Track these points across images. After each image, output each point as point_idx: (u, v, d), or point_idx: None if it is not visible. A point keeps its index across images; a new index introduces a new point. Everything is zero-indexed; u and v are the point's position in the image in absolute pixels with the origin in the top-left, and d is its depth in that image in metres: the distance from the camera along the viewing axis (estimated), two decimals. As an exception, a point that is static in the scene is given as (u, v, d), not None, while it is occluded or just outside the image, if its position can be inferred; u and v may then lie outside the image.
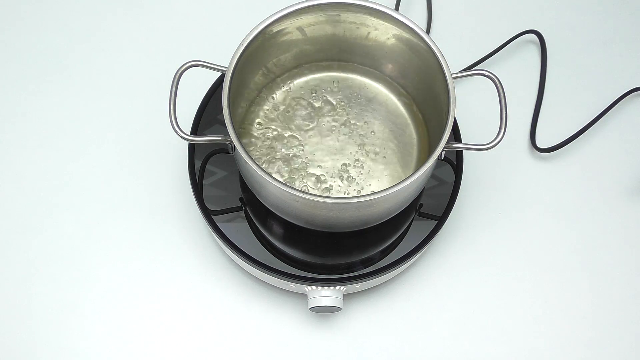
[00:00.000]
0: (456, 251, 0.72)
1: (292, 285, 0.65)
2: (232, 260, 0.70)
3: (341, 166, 0.66)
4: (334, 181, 0.66)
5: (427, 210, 0.67)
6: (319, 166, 0.66)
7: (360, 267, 0.64)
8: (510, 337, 0.69)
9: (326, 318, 0.69)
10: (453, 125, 0.64)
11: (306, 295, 0.65)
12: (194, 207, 0.71)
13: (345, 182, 0.66)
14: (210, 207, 0.66)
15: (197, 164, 0.67)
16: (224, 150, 0.66)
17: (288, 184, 0.64)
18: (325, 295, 0.63)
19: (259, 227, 0.66)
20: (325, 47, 0.69)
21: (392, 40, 0.66)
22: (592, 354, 0.68)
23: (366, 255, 0.65)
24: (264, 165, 0.66)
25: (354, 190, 0.65)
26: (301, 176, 0.66)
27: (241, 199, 0.67)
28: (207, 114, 0.69)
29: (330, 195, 0.64)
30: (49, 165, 0.74)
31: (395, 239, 0.66)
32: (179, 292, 0.69)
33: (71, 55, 0.80)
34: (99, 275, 0.70)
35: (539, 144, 0.76)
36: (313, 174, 0.66)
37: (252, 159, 0.57)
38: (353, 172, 0.66)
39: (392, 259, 0.65)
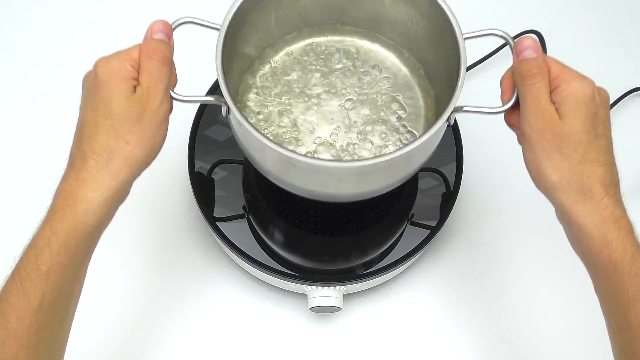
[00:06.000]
0: (456, 251, 0.72)
1: (292, 285, 0.65)
2: (232, 260, 0.70)
3: (343, 134, 0.62)
4: (335, 149, 0.61)
5: (427, 210, 0.67)
6: (319, 134, 0.62)
7: (361, 267, 0.64)
8: (510, 337, 0.69)
9: (326, 318, 0.69)
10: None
11: (306, 295, 0.65)
12: (194, 207, 0.71)
13: (346, 150, 0.61)
14: (212, 209, 0.66)
15: (198, 165, 0.67)
16: (228, 161, 0.66)
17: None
18: (325, 295, 0.63)
19: (260, 228, 0.66)
20: (327, 8, 0.64)
21: (398, 1, 0.61)
22: (592, 353, 0.68)
23: (366, 255, 0.65)
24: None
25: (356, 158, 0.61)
26: (300, 144, 0.61)
27: (244, 208, 0.67)
28: (207, 113, 0.69)
29: (330, 159, 0.59)
30: (49, 165, 0.74)
31: (396, 239, 0.66)
32: (179, 292, 0.69)
33: (70, 55, 0.80)
34: (99, 275, 0.70)
35: (539, 144, 0.76)
36: (313, 142, 0.61)
37: (247, 120, 0.52)
38: (355, 140, 0.62)
39: (392, 259, 0.65)
